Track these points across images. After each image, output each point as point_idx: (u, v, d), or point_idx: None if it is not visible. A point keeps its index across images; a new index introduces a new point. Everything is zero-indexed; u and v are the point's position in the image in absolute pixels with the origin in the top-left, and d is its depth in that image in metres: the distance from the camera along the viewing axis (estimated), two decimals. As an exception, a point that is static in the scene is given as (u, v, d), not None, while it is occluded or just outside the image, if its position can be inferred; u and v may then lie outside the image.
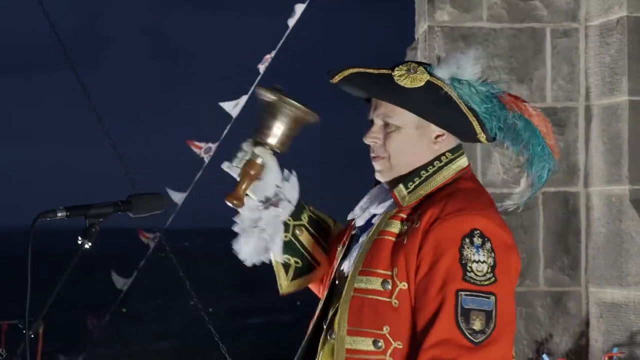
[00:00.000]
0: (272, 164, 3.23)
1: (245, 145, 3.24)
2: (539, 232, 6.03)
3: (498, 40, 6.00)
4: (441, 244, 2.89)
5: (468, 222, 2.91)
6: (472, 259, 2.87)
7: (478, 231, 2.90)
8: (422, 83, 3.02)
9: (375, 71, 3.07)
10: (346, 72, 3.08)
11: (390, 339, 2.91)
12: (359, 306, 2.95)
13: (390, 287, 2.92)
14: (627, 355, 5.72)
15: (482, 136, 3.06)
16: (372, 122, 3.10)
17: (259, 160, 3.23)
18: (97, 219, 2.98)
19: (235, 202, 3.23)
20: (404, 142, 3.04)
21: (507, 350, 2.91)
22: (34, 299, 2.86)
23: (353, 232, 3.19)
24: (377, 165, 3.10)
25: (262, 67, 9.44)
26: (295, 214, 3.31)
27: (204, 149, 9.48)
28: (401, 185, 3.03)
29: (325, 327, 3.08)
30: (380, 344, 2.91)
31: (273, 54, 9.33)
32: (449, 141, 3.09)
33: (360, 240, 3.09)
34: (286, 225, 3.30)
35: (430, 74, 3.04)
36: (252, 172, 3.23)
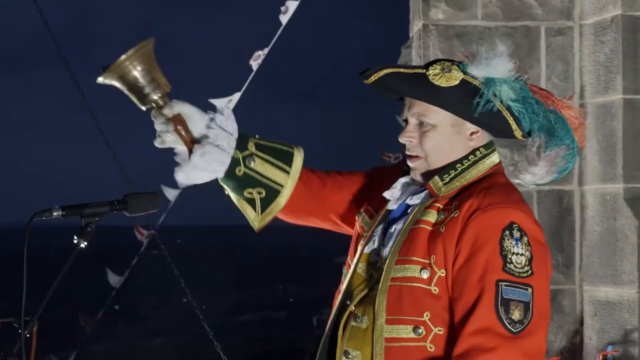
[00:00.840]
0: (184, 108, 3.18)
1: (155, 119, 3.19)
2: (534, 230, 6.03)
3: (493, 39, 6.00)
4: (482, 235, 2.93)
5: (507, 215, 2.95)
6: (512, 251, 2.92)
7: (516, 225, 2.95)
8: (457, 82, 3.05)
9: (410, 71, 3.09)
10: (381, 73, 3.09)
11: (431, 325, 2.93)
12: (398, 294, 2.97)
13: (428, 274, 2.95)
14: (622, 354, 5.72)
15: (518, 132, 3.09)
16: (406, 121, 3.12)
17: (175, 110, 3.17)
18: (92, 218, 2.97)
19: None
20: (440, 141, 3.07)
21: (542, 342, 2.96)
22: (29, 297, 2.86)
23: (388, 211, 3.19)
24: (412, 164, 3.12)
25: (254, 64, 9.43)
26: (241, 146, 3.25)
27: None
28: (437, 177, 3.07)
29: (349, 309, 3.08)
30: (420, 330, 2.93)
31: (266, 50, 9.32)
32: (483, 137, 3.13)
33: (395, 228, 3.10)
34: (235, 160, 3.23)
35: (465, 72, 3.07)
36: (182, 132, 3.18)
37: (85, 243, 2.94)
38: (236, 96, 9.87)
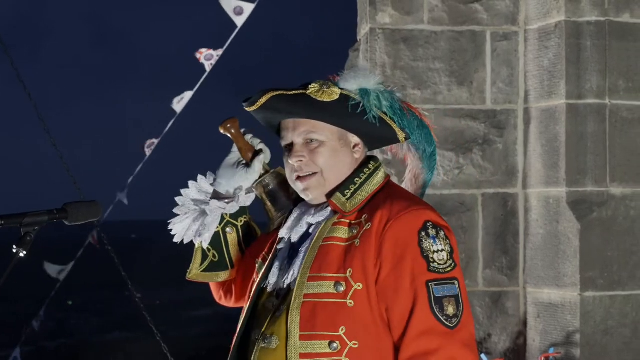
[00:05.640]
0: (257, 167, 3.37)
1: (260, 144, 3.41)
2: (478, 232, 6.08)
3: (439, 43, 6.04)
4: (400, 243, 3.01)
5: (419, 217, 3.05)
6: (432, 250, 3.01)
7: (430, 223, 3.04)
8: (337, 96, 3.14)
9: (292, 92, 3.15)
10: (267, 96, 3.14)
11: (347, 340, 2.98)
12: (311, 311, 3.01)
13: (343, 288, 3.00)
14: (564, 355, 5.79)
15: (401, 135, 3.20)
16: (290, 145, 3.19)
17: (256, 160, 3.38)
18: (32, 228, 2.98)
19: (230, 125, 3.38)
20: (331, 155, 3.15)
21: (473, 328, 3.07)
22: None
23: (280, 247, 3.27)
24: (305, 183, 3.17)
25: (207, 64, 9.40)
26: (235, 214, 3.44)
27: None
28: (338, 193, 3.14)
29: (257, 337, 3.11)
30: (335, 345, 2.97)
31: (220, 52, 9.29)
32: (363, 150, 3.23)
33: (301, 249, 3.15)
34: (221, 218, 3.43)
35: (340, 87, 3.16)
36: (244, 146, 3.39)
37: (25, 252, 2.95)
38: (187, 95, 9.85)
